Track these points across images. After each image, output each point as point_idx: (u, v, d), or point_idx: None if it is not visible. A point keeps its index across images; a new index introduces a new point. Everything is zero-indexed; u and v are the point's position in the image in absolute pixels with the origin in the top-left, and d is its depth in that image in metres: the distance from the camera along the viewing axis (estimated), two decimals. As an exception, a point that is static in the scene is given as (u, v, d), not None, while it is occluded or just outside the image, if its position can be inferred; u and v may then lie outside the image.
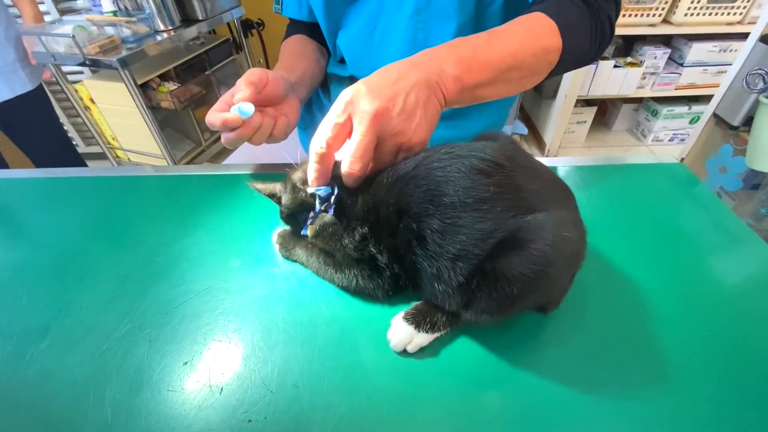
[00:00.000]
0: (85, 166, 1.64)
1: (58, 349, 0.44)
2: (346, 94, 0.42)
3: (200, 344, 0.43)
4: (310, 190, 0.44)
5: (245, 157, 0.97)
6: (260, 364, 0.41)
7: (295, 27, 0.83)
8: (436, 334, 0.41)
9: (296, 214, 0.49)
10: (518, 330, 0.44)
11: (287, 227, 0.54)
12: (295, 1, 0.78)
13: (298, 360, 0.41)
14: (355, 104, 0.42)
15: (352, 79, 0.81)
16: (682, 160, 1.33)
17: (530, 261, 0.34)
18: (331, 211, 0.44)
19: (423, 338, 0.41)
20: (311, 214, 0.46)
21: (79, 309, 0.48)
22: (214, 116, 0.53)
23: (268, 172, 0.71)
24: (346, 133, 0.42)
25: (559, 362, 0.41)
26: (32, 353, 0.44)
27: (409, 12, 0.66)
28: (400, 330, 0.41)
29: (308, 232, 0.47)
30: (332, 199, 0.44)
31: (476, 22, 0.67)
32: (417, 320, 0.41)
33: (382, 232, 0.41)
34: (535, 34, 0.51)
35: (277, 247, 0.54)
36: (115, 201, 0.67)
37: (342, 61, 0.82)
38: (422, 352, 0.42)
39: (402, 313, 0.43)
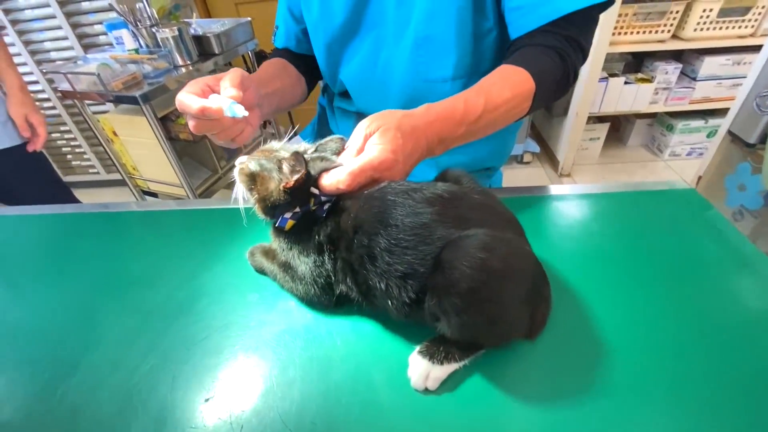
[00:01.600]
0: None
1: (88, 385, 0.46)
2: (396, 137, 0.49)
3: (221, 381, 0.45)
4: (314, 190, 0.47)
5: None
6: (278, 401, 0.42)
7: (281, 53, 0.87)
8: (453, 366, 0.42)
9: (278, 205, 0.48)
10: (536, 364, 0.44)
11: (257, 244, 0.59)
12: (284, 33, 0.85)
13: (315, 397, 0.42)
14: (384, 141, 0.48)
15: (360, 114, 0.84)
16: (700, 178, 1.31)
17: (459, 272, 0.36)
18: (323, 213, 0.47)
19: (439, 371, 0.41)
20: (296, 210, 0.47)
21: (106, 345, 0.50)
22: (191, 99, 0.53)
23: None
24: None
25: (584, 400, 0.41)
26: (63, 389, 0.46)
27: (409, 47, 0.69)
28: (418, 366, 0.42)
29: (287, 225, 0.48)
30: (326, 206, 0.47)
31: (473, 54, 0.70)
32: (431, 352, 0.42)
33: (341, 244, 0.45)
34: (518, 97, 0.59)
35: (249, 259, 0.59)
36: (137, 236, 0.70)
37: (344, 94, 0.85)
38: (440, 387, 0.42)
39: (416, 349, 0.44)
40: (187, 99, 0.54)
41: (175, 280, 0.58)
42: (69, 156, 2.57)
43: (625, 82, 2.10)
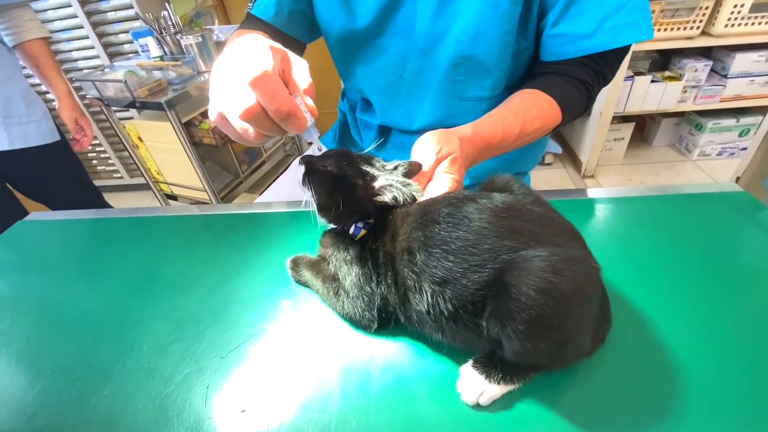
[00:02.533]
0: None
1: (122, 394, 0.45)
2: (461, 167, 0.53)
3: (256, 391, 0.44)
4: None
5: (279, 193, 0.98)
6: (316, 414, 0.41)
7: (259, 26, 0.70)
8: (510, 387, 0.40)
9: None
10: (597, 385, 0.41)
11: (299, 254, 0.57)
12: (274, 1, 0.69)
13: (355, 411, 0.40)
14: (454, 170, 0.51)
15: (384, 129, 0.82)
16: (738, 179, 1.26)
17: (526, 296, 0.33)
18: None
19: (495, 390, 0.39)
20: (369, 220, 0.47)
21: (139, 352, 0.50)
22: (278, 86, 0.38)
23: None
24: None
25: (649, 425, 0.38)
26: (97, 398, 0.45)
27: (446, 65, 0.67)
28: (470, 380, 0.40)
29: (360, 234, 0.47)
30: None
31: (510, 74, 0.70)
32: (487, 369, 0.40)
33: (394, 256, 0.43)
34: (544, 127, 0.64)
35: (289, 271, 0.56)
36: (166, 241, 0.69)
37: (366, 105, 0.82)
38: (492, 404, 0.40)
39: (471, 362, 0.41)
40: (276, 84, 0.38)
41: (205, 286, 0.58)
42: (94, 161, 2.63)
43: (652, 81, 2.04)
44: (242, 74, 0.37)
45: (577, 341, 0.37)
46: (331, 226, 0.50)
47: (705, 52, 2.10)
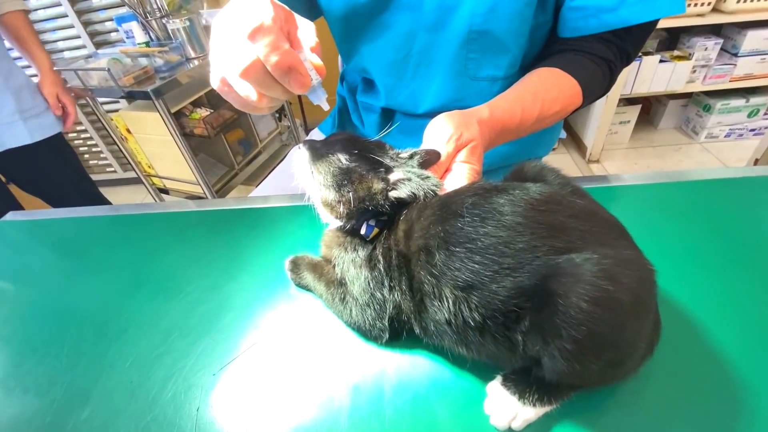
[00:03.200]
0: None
1: (101, 418, 0.40)
2: (481, 155, 0.48)
3: (253, 413, 0.38)
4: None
5: (276, 185, 0.91)
6: (323, 441, 0.35)
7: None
8: (547, 408, 0.34)
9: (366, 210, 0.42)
10: (644, 403, 0.36)
11: (300, 254, 0.51)
12: None
13: (367, 436, 0.35)
14: (474, 160, 0.46)
15: (387, 112, 0.75)
16: (757, 161, 1.20)
17: (576, 309, 0.27)
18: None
19: (530, 413, 0.34)
20: (382, 217, 0.41)
21: (122, 368, 0.44)
22: (279, 40, 0.35)
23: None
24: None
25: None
26: (74, 423, 0.40)
27: (458, 41, 0.60)
28: (501, 401, 0.35)
29: (372, 233, 0.41)
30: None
31: (527, 51, 0.64)
32: (520, 388, 0.34)
33: (410, 256, 0.37)
34: (564, 110, 0.59)
35: (288, 273, 0.51)
36: (155, 241, 0.64)
37: (368, 86, 0.76)
38: (526, 428, 0.35)
39: (500, 379, 0.36)
40: (276, 36, 0.35)
41: (196, 291, 0.52)
42: (86, 155, 2.55)
43: (660, 60, 1.96)
44: (240, 28, 0.34)
45: (631, 359, 0.32)
46: (337, 223, 0.44)
47: (715, 30, 2.02)
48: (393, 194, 0.39)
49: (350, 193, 0.40)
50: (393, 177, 0.40)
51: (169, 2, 1.55)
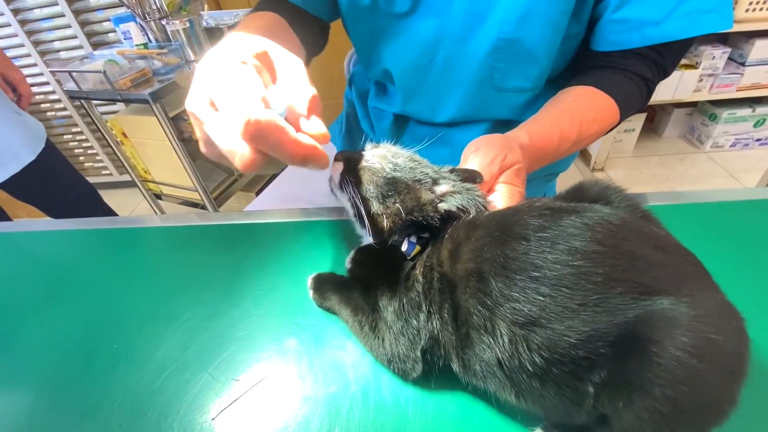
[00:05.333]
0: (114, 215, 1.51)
1: (84, 469, 0.35)
2: (524, 179, 0.45)
3: (258, 469, 0.34)
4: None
5: (278, 193, 0.87)
6: (339, 505, 0.31)
7: (271, 5, 0.61)
8: None
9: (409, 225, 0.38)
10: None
11: (325, 272, 0.48)
12: None
13: (390, 500, 0.31)
14: (519, 182, 0.44)
15: (400, 118, 0.72)
16: (774, 174, 1.17)
17: (676, 363, 0.23)
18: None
19: None
20: (424, 234, 0.37)
21: (109, 409, 0.40)
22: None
23: (316, 218, 0.61)
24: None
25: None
26: (53, 475, 0.35)
27: (485, 50, 0.56)
28: None
29: (414, 251, 0.37)
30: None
31: (556, 63, 0.60)
32: None
33: (455, 281, 0.33)
34: (601, 131, 0.57)
35: (311, 292, 0.47)
36: (150, 259, 0.59)
37: (382, 90, 0.72)
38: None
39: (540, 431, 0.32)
40: (275, 132, 0.29)
41: (193, 318, 0.47)
42: (81, 158, 2.50)
43: (667, 69, 1.94)
44: (230, 117, 0.30)
45: (720, 423, 0.27)
46: (373, 238, 0.39)
47: (722, 39, 2.00)
48: (443, 206, 0.36)
49: (397, 204, 0.36)
50: (440, 189, 0.37)
51: (168, 3, 1.51)
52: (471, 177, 0.40)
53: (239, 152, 0.30)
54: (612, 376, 0.25)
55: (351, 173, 0.38)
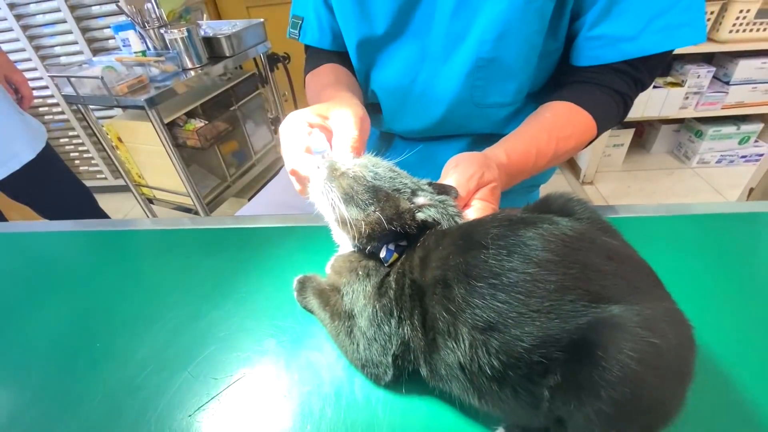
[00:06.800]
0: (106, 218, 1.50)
1: (63, 462, 0.37)
2: (498, 196, 0.47)
3: (230, 463, 0.35)
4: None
5: (270, 199, 0.89)
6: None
7: (321, 56, 0.73)
8: None
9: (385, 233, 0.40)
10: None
11: (311, 274, 0.49)
12: (316, 25, 0.69)
13: (355, 494, 0.32)
14: (494, 200, 0.46)
15: (385, 135, 0.74)
16: (752, 190, 1.20)
17: (620, 366, 0.24)
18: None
19: None
20: (402, 242, 0.39)
21: (89, 406, 0.41)
22: (293, 142, 0.45)
23: (302, 224, 0.63)
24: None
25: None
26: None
27: (467, 68, 0.59)
28: None
29: (392, 258, 0.39)
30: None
31: (535, 78, 0.63)
32: None
33: (424, 288, 0.35)
34: (578, 147, 0.59)
35: (295, 293, 0.49)
36: (136, 260, 0.61)
37: (369, 108, 0.75)
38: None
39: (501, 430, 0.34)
40: (291, 141, 0.45)
41: (176, 319, 0.49)
42: (77, 161, 2.51)
43: (654, 86, 1.99)
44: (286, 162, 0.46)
45: (665, 426, 0.28)
46: (351, 245, 0.41)
47: (707, 58, 2.06)
48: (420, 216, 0.37)
49: (377, 212, 0.37)
50: (419, 200, 0.38)
51: (168, 13, 1.54)
52: (445, 191, 0.41)
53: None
54: (565, 379, 0.27)
55: (332, 180, 0.40)
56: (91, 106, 1.49)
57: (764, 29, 1.79)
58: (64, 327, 0.50)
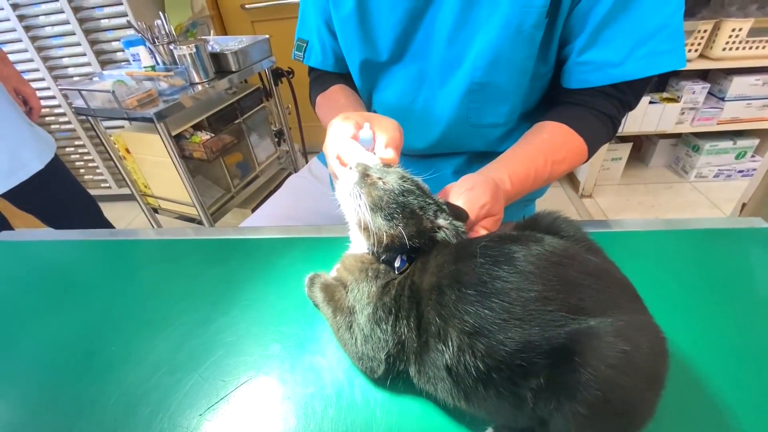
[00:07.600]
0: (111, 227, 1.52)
1: (80, 459, 0.39)
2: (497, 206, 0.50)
3: (238, 459, 0.37)
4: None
5: (273, 210, 0.92)
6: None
7: (327, 77, 0.78)
8: None
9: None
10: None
11: (321, 272, 0.52)
12: (319, 49, 0.74)
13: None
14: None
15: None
16: (744, 205, 1.23)
17: (595, 371, 0.27)
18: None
19: None
20: (412, 254, 0.42)
21: (105, 405, 0.43)
22: (343, 132, 0.48)
23: (305, 235, 0.66)
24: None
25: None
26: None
27: (462, 91, 0.63)
28: None
29: (404, 267, 0.41)
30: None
31: (527, 100, 0.67)
32: None
33: (421, 294, 0.38)
34: (571, 168, 0.63)
35: (306, 288, 0.53)
36: (147, 269, 0.63)
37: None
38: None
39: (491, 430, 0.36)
40: (340, 130, 0.48)
41: (186, 324, 0.52)
42: (82, 170, 2.55)
43: (650, 102, 2.03)
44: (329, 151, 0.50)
45: (641, 426, 0.31)
46: (367, 248, 0.43)
47: (702, 75, 2.10)
48: (438, 236, 0.40)
49: (400, 227, 0.40)
50: (440, 222, 0.41)
51: (176, 26, 1.59)
52: (459, 215, 0.44)
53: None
54: (546, 382, 0.29)
55: (363, 186, 0.41)
56: (99, 118, 1.53)
57: (757, 47, 1.84)
58: (79, 331, 0.53)
